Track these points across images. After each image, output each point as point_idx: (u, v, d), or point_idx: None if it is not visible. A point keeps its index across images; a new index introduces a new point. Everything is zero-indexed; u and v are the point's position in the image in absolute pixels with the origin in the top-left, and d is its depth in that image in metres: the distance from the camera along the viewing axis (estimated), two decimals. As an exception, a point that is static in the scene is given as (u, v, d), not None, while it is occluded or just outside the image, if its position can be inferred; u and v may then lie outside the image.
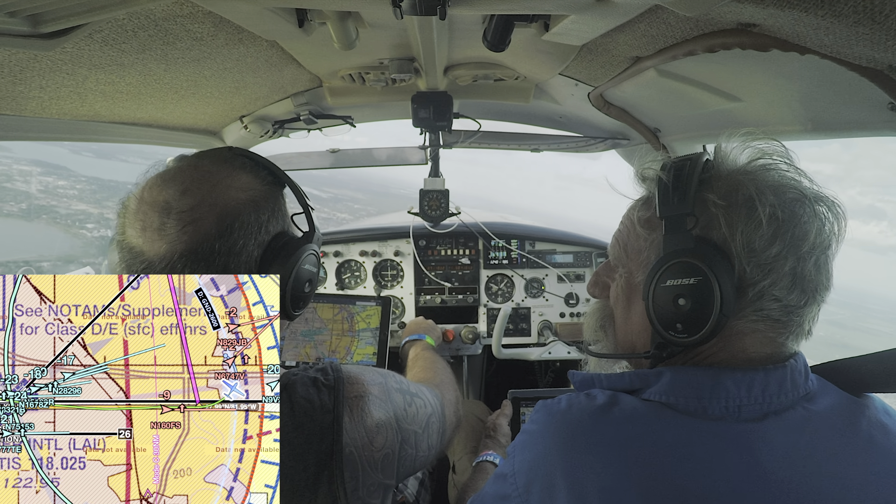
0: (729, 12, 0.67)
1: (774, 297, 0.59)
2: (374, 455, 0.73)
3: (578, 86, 1.37)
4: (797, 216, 0.59)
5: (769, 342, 0.61)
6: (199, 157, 0.72)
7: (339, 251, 2.00)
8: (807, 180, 0.62)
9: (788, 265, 0.58)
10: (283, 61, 1.21)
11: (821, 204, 0.60)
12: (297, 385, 0.70)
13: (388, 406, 0.79)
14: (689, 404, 0.59)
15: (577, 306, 2.04)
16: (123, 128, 1.24)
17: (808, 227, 0.58)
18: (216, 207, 0.66)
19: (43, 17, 0.64)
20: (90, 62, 0.84)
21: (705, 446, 0.55)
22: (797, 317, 0.60)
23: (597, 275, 0.81)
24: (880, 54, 0.59)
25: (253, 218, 0.69)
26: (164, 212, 0.64)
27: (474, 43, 1.10)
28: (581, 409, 0.62)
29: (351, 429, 0.71)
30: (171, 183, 0.66)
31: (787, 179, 0.61)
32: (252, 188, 0.71)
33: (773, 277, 0.58)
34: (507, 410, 1.38)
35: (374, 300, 1.61)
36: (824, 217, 0.60)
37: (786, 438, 0.56)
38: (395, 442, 0.78)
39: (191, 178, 0.67)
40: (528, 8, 0.81)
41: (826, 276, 0.60)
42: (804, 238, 0.58)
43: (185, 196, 0.65)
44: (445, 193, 1.94)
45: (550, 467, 0.59)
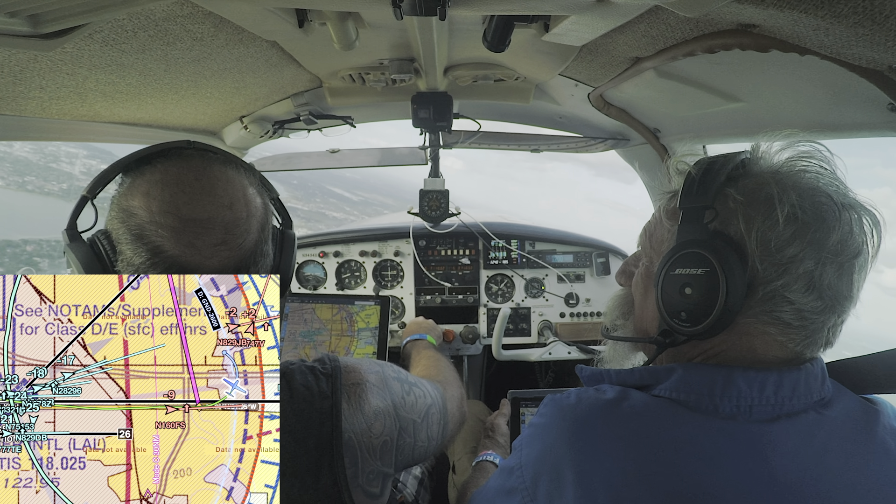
0: (729, 13, 0.67)
1: (787, 299, 0.58)
2: (372, 442, 0.75)
3: (578, 86, 1.37)
4: (820, 219, 0.57)
5: (780, 346, 0.60)
6: (209, 162, 0.69)
7: (339, 251, 2.00)
8: (843, 186, 0.60)
9: (804, 267, 0.57)
10: (283, 61, 1.21)
11: (852, 211, 0.58)
12: (295, 373, 0.72)
13: (386, 394, 0.80)
14: (700, 402, 0.59)
15: (577, 306, 2.04)
16: (123, 128, 1.24)
17: (831, 231, 0.56)
18: (255, 217, 0.69)
19: (43, 17, 0.64)
20: (90, 62, 0.84)
21: (715, 444, 0.55)
22: (812, 324, 0.58)
23: (625, 263, 0.82)
24: (880, 55, 0.59)
25: (268, 219, 0.74)
26: (221, 228, 0.64)
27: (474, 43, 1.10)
28: (590, 403, 0.62)
29: (349, 415, 0.72)
30: (207, 195, 0.65)
31: (817, 183, 0.60)
32: (257, 187, 0.73)
33: (788, 279, 0.57)
34: (505, 410, 1.38)
35: (372, 299, 1.61)
36: (853, 224, 0.58)
37: (797, 442, 0.56)
38: (393, 429, 0.79)
39: (224, 188, 0.67)
40: (528, 8, 0.81)
41: (849, 286, 0.58)
42: (824, 242, 0.56)
43: (234, 210, 0.66)
44: (445, 194, 1.94)
45: (558, 460, 0.59)
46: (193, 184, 0.65)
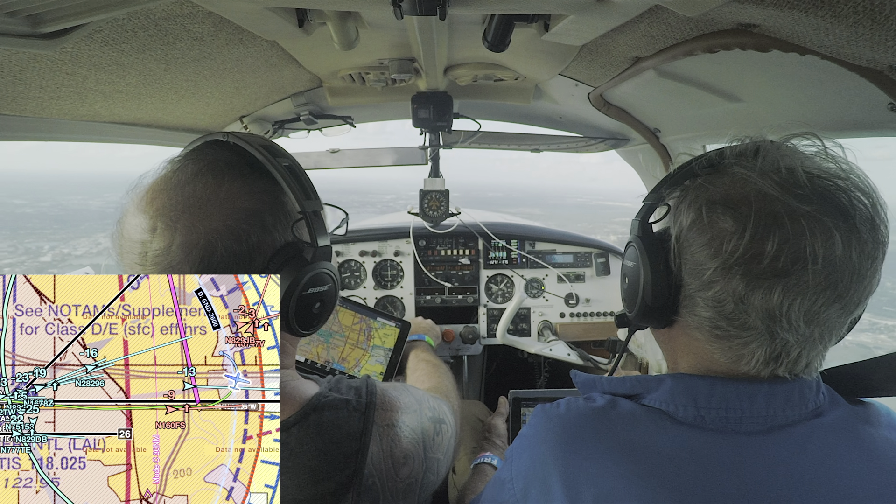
0: (729, 13, 0.67)
1: (705, 305, 0.57)
2: (397, 485, 0.70)
3: (578, 86, 1.37)
4: (716, 226, 0.55)
5: (729, 352, 0.58)
6: (178, 167, 0.64)
7: (339, 251, 2.00)
8: (777, 188, 0.54)
9: (716, 275, 0.55)
10: (283, 61, 1.21)
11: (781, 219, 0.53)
12: (326, 408, 0.66)
13: (419, 435, 0.75)
14: (686, 413, 0.58)
15: (577, 306, 2.04)
16: (123, 128, 1.24)
17: (729, 239, 0.54)
18: (187, 248, 0.60)
19: (43, 17, 0.64)
20: (90, 62, 0.84)
21: (699, 456, 0.55)
22: (737, 337, 0.56)
23: None
24: (880, 54, 0.59)
25: (235, 249, 0.62)
26: (140, 253, 0.60)
27: (474, 43, 1.10)
28: (579, 413, 0.62)
29: (377, 459, 0.68)
30: (143, 215, 0.61)
31: (744, 186, 0.56)
32: (237, 206, 0.62)
33: (699, 283, 0.57)
34: (503, 409, 1.38)
35: (395, 321, 1.56)
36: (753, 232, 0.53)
37: (789, 454, 0.55)
38: (420, 471, 0.74)
39: (159, 207, 0.61)
40: (528, 8, 0.81)
41: (767, 301, 0.53)
42: (732, 252, 0.54)
43: (156, 236, 0.60)
44: (445, 193, 1.94)
45: (547, 471, 0.59)
46: (177, 199, 0.61)
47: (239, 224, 0.62)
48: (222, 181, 0.63)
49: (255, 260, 0.63)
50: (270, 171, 0.64)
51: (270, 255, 0.64)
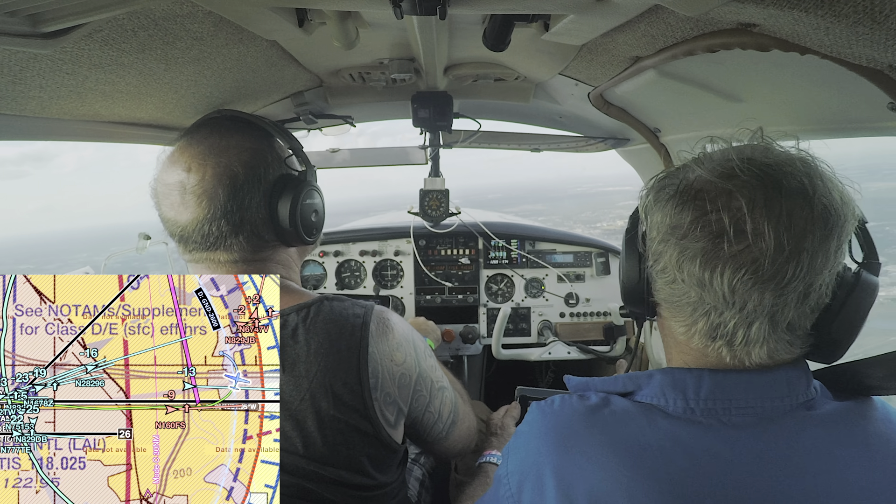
0: (729, 12, 0.67)
1: (661, 281, 0.62)
2: (393, 368, 0.82)
3: (578, 86, 1.37)
4: (662, 207, 0.61)
5: (686, 329, 0.61)
6: (194, 132, 0.84)
7: (339, 251, 2.00)
8: (712, 173, 0.58)
9: (659, 247, 0.61)
10: (283, 61, 1.21)
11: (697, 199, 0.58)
12: (333, 300, 0.82)
13: (410, 345, 0.87)
14: (677, 406, 0.59)
15: (577, 306, 2.04)
16: (123, 128, 1.24)
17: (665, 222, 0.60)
18: (218, 176, 0.79)
19: (43, 16, 0.64)
20: (90, 62, 0.84)
21: (691, 450, 0.55)
22: (689, 305, 0.60)
23: None
24: (880, 54, 0.59)
25: (252, 174, 0.81)
26: (180, 190, 0.78)
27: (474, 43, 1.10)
28: (572, 410, 0.63)
29: (376, 336, 0.80)
30: (178, 164, 0.80)
31: (691, 173, 0.62)
32: (245, 147, 0.82)
33: (654, 260, 0.63)
34: (515, 412, 1.37)
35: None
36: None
37: (780, 446, 0.55)
38: (412, 369, 0.86)
39: (191, 155, 0.80)
40: (528, 8, 0.81)
41: (699, 277, 0.56)
42: (662, 222, 0.60)
43: (192, 173, 0.79)
44: (446, 193, 1.94)
45: (540, 467, 0.60)
46: (178, 156, 0.82)
47: (250, 159, 0.82)
48: (232, 134, 0.84)
49: (264, 182, 0.83)
50: (261, 126, 0.88)
51: (273, 181, 0.84)
